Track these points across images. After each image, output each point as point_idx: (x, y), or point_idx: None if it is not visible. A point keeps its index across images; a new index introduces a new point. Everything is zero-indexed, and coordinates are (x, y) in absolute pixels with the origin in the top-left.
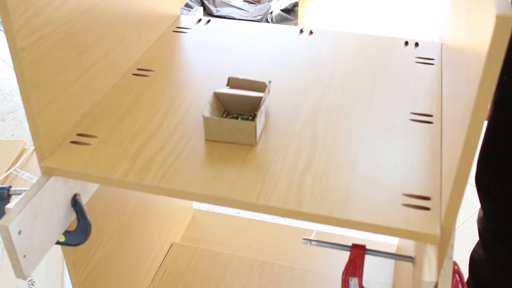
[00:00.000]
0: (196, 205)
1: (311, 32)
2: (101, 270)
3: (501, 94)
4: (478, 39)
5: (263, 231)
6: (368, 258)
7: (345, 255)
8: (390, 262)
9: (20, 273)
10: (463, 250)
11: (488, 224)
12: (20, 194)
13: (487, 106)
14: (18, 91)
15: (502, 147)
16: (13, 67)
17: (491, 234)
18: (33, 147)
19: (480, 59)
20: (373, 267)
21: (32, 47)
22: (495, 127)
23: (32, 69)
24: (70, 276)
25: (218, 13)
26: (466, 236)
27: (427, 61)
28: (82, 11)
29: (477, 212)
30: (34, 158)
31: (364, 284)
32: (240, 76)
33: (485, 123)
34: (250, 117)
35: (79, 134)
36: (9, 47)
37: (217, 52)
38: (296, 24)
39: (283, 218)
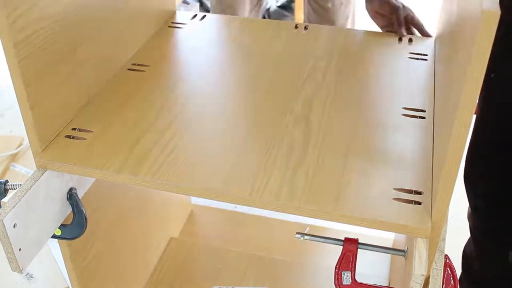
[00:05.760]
0: (195, 200)
1: (305, 28)
2: (98, 264)
3: (488, 92)
4: (466, 34)
5: (261, 226)
6: (365, 252)
7: (340, 249)
8: (386, 256)
9: (15, 266)
10: (457, 245)
11: (477, 221)
12: (16, 188)
13: (475, 101)
14: None
15: (489, 145)
16: None
17: (481, 231)
18: None
19: (468, 53)
20: (370, 260)
21: (26, 42)
22: (482, 125)
23: (25, 64)
24: (67, 269)
25: None
26: (460, 231)
27: (420, 56)
28: (76, 6)
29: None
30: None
31: (360, 277)
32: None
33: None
34: None
35: (74, 129)
36: (2, 42)
37: (212, 48)
38: (293, 20)
39: (280, 213)
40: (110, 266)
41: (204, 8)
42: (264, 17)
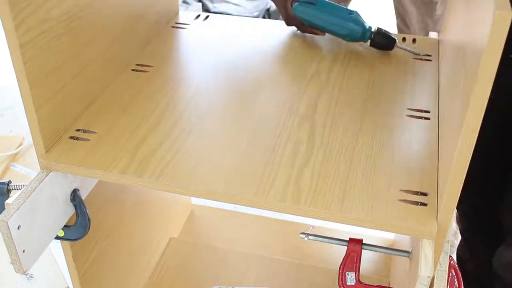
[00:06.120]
0: (195, 200)
1: None
2: (100, 264)
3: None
4: (476, 35)
5: (261, 226)
6: (366, 253)
7: (343, 250)
8: (388, 256)
9: (19, 268)
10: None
11: (465, 224)
12: (19, 189)
13: (485, 103)
14: (16, 86)
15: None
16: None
17: (469, 233)
18: (31, 142)
19: (478, 55)
20: (372, 261)
21: (32, 43)
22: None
23: (31, 65)
24: (69, 270)
25: (215, 10)
26: (456, 233)
27: (424, 57)
28: (81, 8)
29: None
30: (32, 153)
31: (361, 278)
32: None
33: None
34: None
35: (78, 130)
36: (8, 44)
37: (215, 48)
38: None
39: (281, 213)
40: (111, 266)
41: (203, 8)
42: (264, 17)
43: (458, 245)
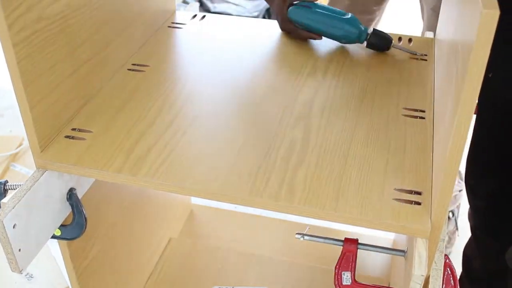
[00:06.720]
0: (195, 200)
1: None
2: (98, 264)
3: (486, 92)
4: (465, 34)
5: (261, 226)
6: (365, 252)
7: (340, 249)
8: (386, 256)
9: (15, 267)
10: (457, 246)
11: (477, 221)
12: (16, 188)
13: (475, 101)
14: None
15: (487, 145)
16: None
17: (481, 230)
18: None
19: (467, 54)
20: (370, 260)
21: (25, 43)
22: (480, 125)
23: (25, 64)
24: (67, 270)
25: (215, 10)
26: (460, 232)
27: (420, 56)
28: (76, 7)
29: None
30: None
31: (358, 278)
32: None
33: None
34: None
35: (73, 129)
36: (2, 43)
37: (212, 48)
38: None
39: (281, 213)
40: (110, 266)
41: (204, 8)
42: (264, 17)
43: (466, 243)
